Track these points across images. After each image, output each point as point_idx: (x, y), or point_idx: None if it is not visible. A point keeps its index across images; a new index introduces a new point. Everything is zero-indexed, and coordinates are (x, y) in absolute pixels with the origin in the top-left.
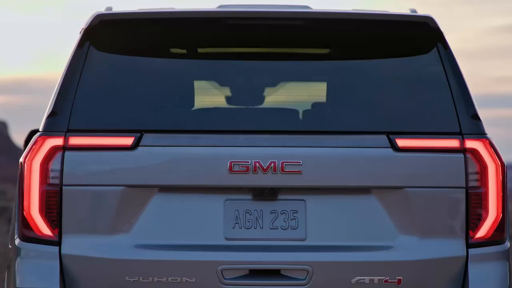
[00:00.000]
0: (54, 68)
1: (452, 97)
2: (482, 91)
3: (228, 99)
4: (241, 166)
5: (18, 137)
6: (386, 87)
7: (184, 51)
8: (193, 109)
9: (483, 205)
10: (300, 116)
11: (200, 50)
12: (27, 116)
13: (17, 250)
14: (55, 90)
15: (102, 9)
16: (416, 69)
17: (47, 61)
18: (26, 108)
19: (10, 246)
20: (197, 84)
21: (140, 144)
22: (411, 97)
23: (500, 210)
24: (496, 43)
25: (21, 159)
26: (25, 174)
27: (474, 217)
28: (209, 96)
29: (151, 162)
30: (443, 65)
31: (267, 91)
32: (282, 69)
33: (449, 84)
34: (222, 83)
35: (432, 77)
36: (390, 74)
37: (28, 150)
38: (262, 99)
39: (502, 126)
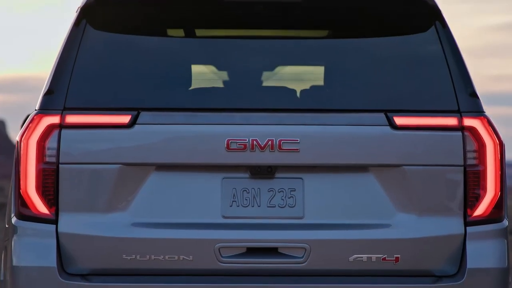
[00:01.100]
0: None
1: (450, 75)
2: (481, 89)
3: (225, 80)
4: (239, 144)
5: (16, 136)
6: (384, 65)
7: (181, 30)
8: (190, 87)
9: (481, 183)
10: (298, 95)
11: (197, 29)
12: (26, 115)
13: (14, 229)
14: (51, 68)
15: None
16: (414, 47)
17: (45, 60)
18: (24, 106)
19: (6, 226)
20: (194, 62)
21: (137, 122)
22: (409, 75)
23: (499, 188)
24: (494, 42)
25: (17, 138)
26: (21, 152)
27: (472, 195)
28: (207, 74)
29: (148, 140)
30: (441, 43)
31: (265, 71)
32: (280, 49)
33: (447, 62)
34: (219, 64)
35: (430, 55)
36: (388, 52)
37: (24, 129)
38: (260, 78)
39: (500, 124)
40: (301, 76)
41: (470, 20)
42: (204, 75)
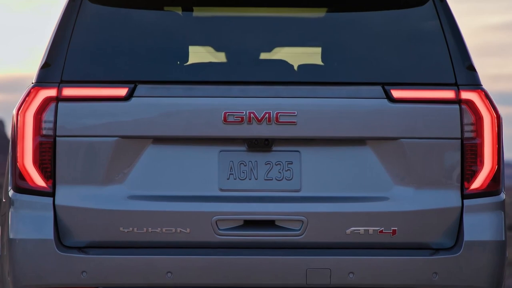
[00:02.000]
0: None
1: (448, 48)
2: None
3: (222, 54)
4: (236, 117)
5: None
6: (381, 38)
7: (179, 4)
8: (187, 62)
9: (478, 156)
10: (295, 68)
11: (195, 6)
12: None
13: (11, 202)
14: (48, 41)
15: None
16: (412, 21)
17: None
18: None
19: (3, 200)
20: (192, 36)
21: (134, 95)
22: (406, 49)
23: (496, 162)
24: (492, 41)
25: (14, 111)
26: (18, 125)
27: (469, 168)
28: (203, 53)
29: (145, 113)
30: (438, 17)
31: (263, 42)
32: (278, 25)
33: (444, 36)
34: (218, 43)
35: (428, 28)
36: (385, 25)
37: (21, 102)
38: (257, 51)
39: None
40: (299, 50)
41: (469, 19)
42: (201, 54)
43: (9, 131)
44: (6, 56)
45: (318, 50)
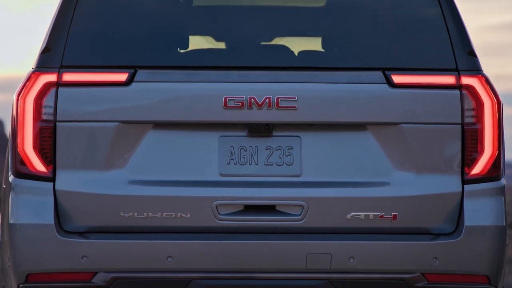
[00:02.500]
0: None
1: (448, 33)
2: None
3: (223, 39)
4: (236, 102)
5: None
6: (382, 24)
7: None
8: (187, 46)
9: (478, 142)
10: (296, 53)
11: None
12: None
13: (11, 187)
14: (48, 26)
15: None
16: (413, 6)
17: None
18: None
19: (4, 186)
20: (192, 21)
21: (134, 80)
22: (407, 34)
23: (496, 147)
24: (492, 41)
25: (14, 96)
26: (18, 111)
27: (469, 154)
28: (205, 34)
29: (145, 98)
30: (439, 2)
31: (264, 30)
32: (278, 12)
33: (445, 21)
34: (218, 30)
35: (429, 14)
36: (386, 11)
37: (21, 87)
38: (258, 36)
39: None
40: (300, 35)
41: (469, 19)
42: (201, 40)
43: (7, 131)
44: (6, 56)
45: (319, 38)
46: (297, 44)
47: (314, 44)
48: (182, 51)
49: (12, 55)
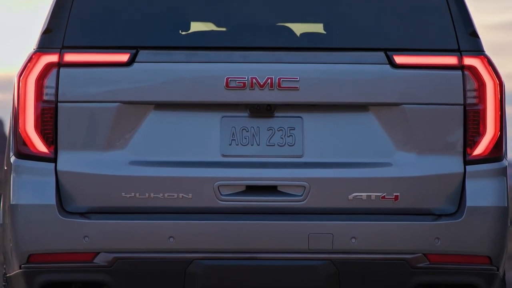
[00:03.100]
0: None
1: (450, 14)
2: None
3: (224, 20)
4: (238, 82)
5: None
6: (384, 4)
7: None
8: (189, 27)
9: (480, 123)
10: (298, 34)
11: None
12: None
13: (12, 168)
14: (49, 7)
15: None
16: None
17: None
18: None
19: (5, 168)
20: (194, 4)
21: (136, 60)
22: (409, 15)
23: (498, 128)
24: (491, 41)
25: (15, 77)
26: (20, 91)
27: (471, 134)
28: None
29: (147, 78)
30: None
31: (266, 10)
32: None
33: (447, 1)
34: (220, 13)
35: None
36: None
37: (22, 68)
38: (260, 17)
39: None
40: (301, 15)
41: None
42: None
43: (7, 130)
44: (6, 56)
45: (321, 23)
46: (299, 30)
47: (316, 28)
48: (184, 29)
49: (12, 55)
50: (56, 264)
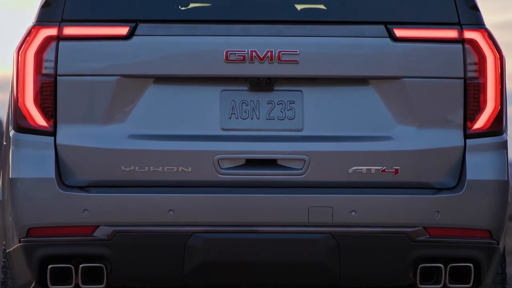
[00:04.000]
0: None
1: None
2: None
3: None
4: (238, 55)
5: None
6: None
7: None
8: (188, 4)
9: (481, 96)
10: (298, 7)
11: None
12: None
13: (12, 141)
14: None
15: None
16: None
17: None
18: None
19: (5, 143)
20: None
21: (135, 33)
22: None
23: (499, 102)
24: None
25: (14, 51)
26: (19, 65)
27: (472, 108)
28: None
29: (146, 52)
30: None
31: None
32: None
33: None
34: None
35: None
36: None
37: (21, 41)
38: None
39: None
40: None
41: None
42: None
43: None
44: (6, 56)
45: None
46: (300, 6)
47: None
48: (184, 2)
49: (10, 54)
50: (56, 237)
